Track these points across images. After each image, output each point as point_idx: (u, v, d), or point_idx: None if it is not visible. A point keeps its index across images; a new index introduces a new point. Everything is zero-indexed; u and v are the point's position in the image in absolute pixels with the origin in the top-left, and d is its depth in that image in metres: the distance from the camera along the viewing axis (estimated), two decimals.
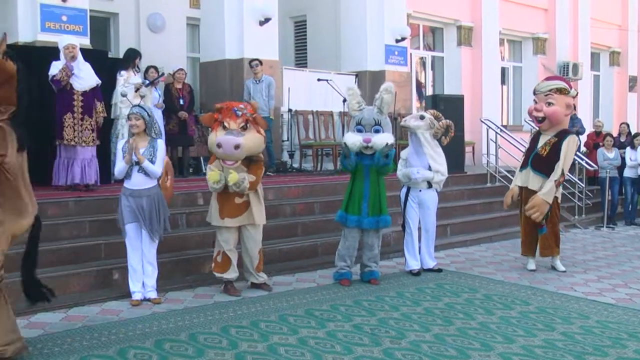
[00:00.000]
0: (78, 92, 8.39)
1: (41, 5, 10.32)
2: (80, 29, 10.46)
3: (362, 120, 6.93)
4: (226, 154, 6.39)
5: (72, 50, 8.41)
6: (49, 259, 6.57)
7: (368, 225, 6.99)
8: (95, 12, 12.86)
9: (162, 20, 15.04)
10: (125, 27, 14.73)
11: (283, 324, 5.64)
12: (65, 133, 8.29)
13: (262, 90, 11.42)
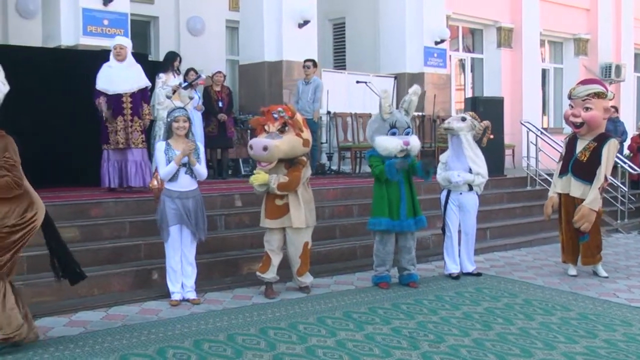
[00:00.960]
0: (127, 94, 8.47)
1: (83, 9, 10.49)
2: (121, 32, 10.59)
3: (397, 122, 6.87)
4: (256, 155, 6.45)
5: (119, 50, 8.49)
6: (90, 259, 6.66)
7: (408, 228, 6.95)
8: (136, 15, 13.02)
9: (201, 23, 15.17)
10: (165, 30, 14.90)
11: (321, 326, 5.64)
12: (119, 137, 8.37)
13: (309, 92, 11.42)
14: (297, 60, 12.34)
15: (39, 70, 8.88)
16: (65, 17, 10.66)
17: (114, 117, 8.36)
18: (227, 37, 15.90)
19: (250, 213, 7.81)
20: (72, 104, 9.02)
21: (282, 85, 12.48)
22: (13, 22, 12.82)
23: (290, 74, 12.57)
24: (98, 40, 10.46)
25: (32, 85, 8.46)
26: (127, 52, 8.55)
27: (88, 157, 8.91)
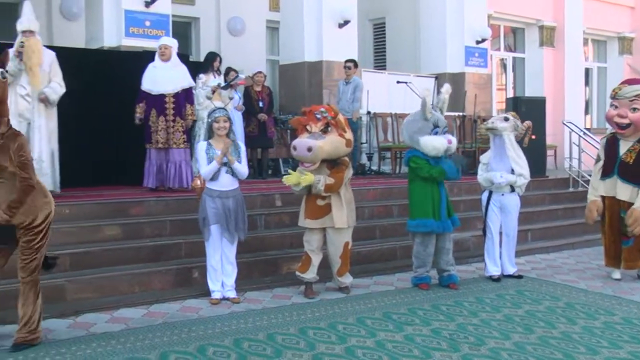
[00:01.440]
0: (169, 94, 8.54)
1: (125, 11, 10.62)
2: (163, 33, 10.70)
3: (439, 122, 6.86)
4: (300, 156, 6.44)
5: (164, 50, 8.57)
6: (131, 257, 6.76)
7: (449, 229, 6.91)
8: (177, 16, 13.13)
9: (242, 23, 15.25)
10: (206, 30, 15.01)
11: (361, 326, 5.63)
12: (159, 136, 8.46)
13: (349, 92, 11.41)
14: (337, 61, 12.34)
15: (82, 71, 9.00)
16: (108, 19, 10.81)
17: (156, 119, 8.45)
18: (267, 37, 15.97)
19: (290, 213, 7.83)
20: (115, 104, 9.14)
21: (322, 86, 12.48)
22: (57, 24, 13.03)
23: (330, 74, 12.57)
24: (140, 41, 10.58)
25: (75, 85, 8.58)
26: (171, 52, 8.62)
27: (130, 156, 9.02)
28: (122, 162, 9.22)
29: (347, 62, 11.54)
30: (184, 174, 8.54)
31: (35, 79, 7.40)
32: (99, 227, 7.03)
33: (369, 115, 12.61)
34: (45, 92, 7.47)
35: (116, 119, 9.16)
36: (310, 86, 12.65)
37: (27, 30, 7.43)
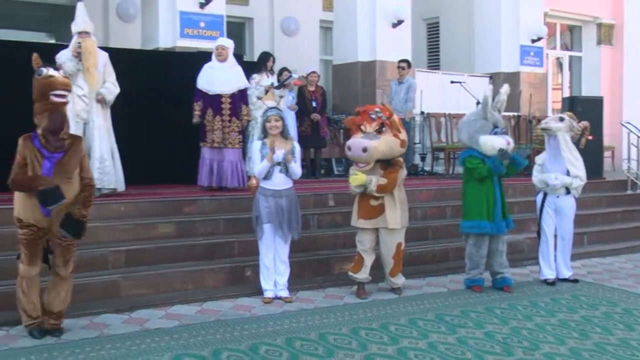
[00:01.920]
0: (226, 94, 8.61)
1: (180, 12, 10.77)
2: (217, 34, 10.82)
3: (498, 123, 6.78)
4: (354, 156, 6.41)
5: (221, 51, 8.65)
6: (185, 254, 6.84)
7: (502, 231, 6.82)
8: (231, 17, 13.25)
9: (295, 23, 15.31)
10: (259, 31, 15.11)
11: (413, 327, 5.59)
12: (215, 135, 8.54)
13: (402, 92, 11.36)
14: (390, 60, 12.30)
15: (138, 72, 9.15)
16: (163, 20, 10.97)
17: (212, 119, 8.53)
18: (320, 37, 15.99)
19: (343, 213, 7.82)
20: (169, 104, 9.27)
21: (375, 85, 12.46)
22: (114, 26, 13.28)
23: (383, 74, 12.54)
24: (194, 42, 10.72)
25: (130, 86, 8.72)
26: (228, 53, 8.68)
27: (185, 155, 9.12)
28: (177, 161, 9.32)
29: (401, 62, 11.50)
30: (240, 174, 8.61)
31: (92, 80, 7.53)
32: (153, 224, 7.13)
33: (422, 116, 12.54)
34: (102, 92, 7.61)
35: (171, 119, 9.28)
36: (363, 86, 12.64)
37: (82, 32, 7.56)
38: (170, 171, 9.34)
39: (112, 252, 6.49)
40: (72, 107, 7.40)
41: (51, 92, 4.91)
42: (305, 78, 11.27)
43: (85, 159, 5.16)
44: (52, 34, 13.64)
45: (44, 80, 4.93)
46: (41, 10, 13.57)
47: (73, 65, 7.44)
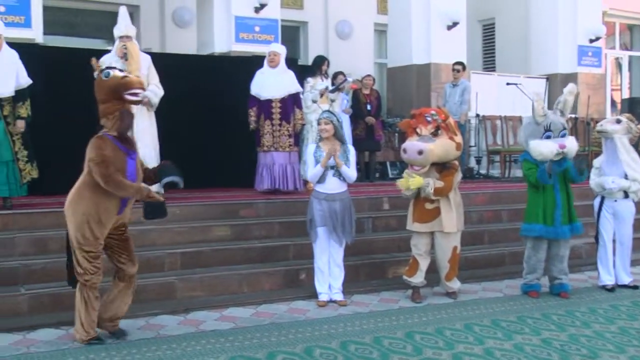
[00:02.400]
0: (276, 99, 8.67)
1: (236, 17, 10.90)
2: (272, 38, 10.91)
3: (551, 125, 6.59)
4: (410, 159, 6.37)
5: (273, 57, 8.72)
6: (240, 257, 6.90)
7: (563, 235, 6.67)
8: (286, 21, 13.33)
9: (350, 27, 15.32)
10: (314, 34, 15.18)
11: (469, 333, 5.53)
12: (265, 140, 8.62)
13: (456, 95, 11.29)
14: (445, 63, 12.22)
15: (194, 77, 9.27)
16: (218, 25, 11.11)
17: (263, 123, 8.61)
18: (375, 40, 15.97)
19: (398, 216, 7.78)
20: (225, 108, 9.36)
21: (430, 88, 12.40)
22: (170, 31, 13.50)
23: (438, 77, 12.47)
24: (249, 46, 10.83)
25: (187, 90, 8.86)
26: (280, 59, 8.75)
27: (241, 159, 9.20)
28: (233, 165, 9.41)
29: (456, 65, 11.42)
30: (293, 177, 8.66)
31: None
32: (209, 227, 7.21)
33: (477, 118, 12.42)
34: (146, 94, 7.70)
35: (226, 123, 9.37)
36: (418, 89, 12.59)
37: (124, 36, 7.69)
38: (225, 175, 9.43)
39: (168, 254, 6.59)
40: None
41: (126, 91, 4.96)
42: (360, 81, 11.27)
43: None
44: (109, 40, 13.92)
45: (118, 81, 4.97)
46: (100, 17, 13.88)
47: (119, 65, 7.55)
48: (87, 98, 8.25)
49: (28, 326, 5.44)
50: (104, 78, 5.00)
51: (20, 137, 6.96)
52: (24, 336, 5.27)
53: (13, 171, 6.92)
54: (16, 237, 6.36)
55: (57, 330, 5.41)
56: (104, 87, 5.01)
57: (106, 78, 4.99)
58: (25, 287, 5.85)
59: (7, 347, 5.03)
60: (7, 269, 5.98)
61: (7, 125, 6.89)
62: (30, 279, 5.97)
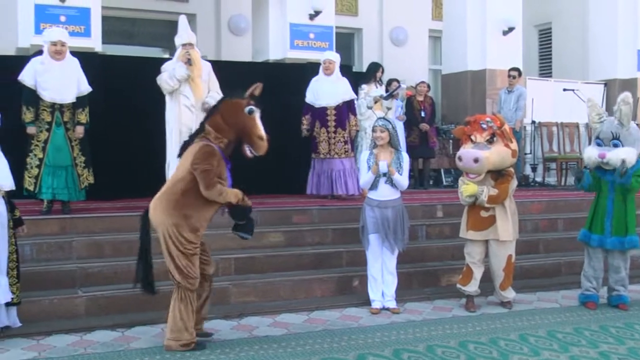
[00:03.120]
0: (331, 107, 8.72)
1: (291, 24, 10.96)
2: (327, 45, 10.96)
3: (601, 133, 6.49)
4: (465, 167, 6.31)
5: (328, 65, 8.79)
6: (293, 263, 6.93)
7: (611, 246, 6.52)
8: (340, 28, 13.37)
9: (404, 33, 15.28)
10: (368, 41, 15.18)
11: (523, 343, 5.45)
12: (321, 147, 8.68)
13: (512, 101, 11.16)
14: (500, 69, 12.10)
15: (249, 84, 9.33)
16: (273, 33, 11.22)
17: (319, 130, 8.65)
18: (430, 46, 15.90)
19: (451, 224, 7.73)
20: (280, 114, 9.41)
21: (485, 95, 12.27)
22: (225, 39, 13.66)
23: (493, 83, 12.34)
24: (304, 53, 10.89)
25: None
26: (335, 67, 8.83)
27: (295, 165, 9.24)
28: (288, 171, 9.45)
29: (511, 71, 11.29)
30: (347, 183, 8.68)
31: (197, 89, 7.76)
32: (262, 233, 7.24)
33: (533, 125, 12.24)
34: (207, 101, 7.81)
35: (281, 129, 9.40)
36: (472, 95, 12.48)
37: (187, 43, 7.81)
38: (278, 181, 9.47)
39: (222, 259, 6.64)
40: (179, 116, 7.67)
41: (250, 145, 5.23)
42: (414, 88, 11.23)
43: None
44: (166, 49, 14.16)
45: (254, 131, 5.19)
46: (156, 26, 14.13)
47: (184, 70, 7.67)
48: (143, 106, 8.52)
49: (85, 327, 5.58)
50: (247, 113, 5.14)
51: (78, 143, 7.14)
52: (81, 337, 5.40)
53: (72, 176, 7.09)
54: (74, 241, 6.51)
55: (113, 332, 5.52)
56: (238, 118, 5.15)
57: (248, 114, 5.15)
58: (82, 290, 5.99)
59: (65, 347, 5.16)
60: (65, 271, 6.14)
61: (67, 131, 7.06)
62: (87, 282, 6.12)
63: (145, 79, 8.41)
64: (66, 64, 7.09)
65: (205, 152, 4.96)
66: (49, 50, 7.02)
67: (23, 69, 6.99)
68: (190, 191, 4.97)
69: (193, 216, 4.98)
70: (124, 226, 6.90)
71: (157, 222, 5.00)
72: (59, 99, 6.99)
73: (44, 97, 6.95)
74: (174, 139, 7.70)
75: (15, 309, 5.41)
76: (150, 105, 8.29)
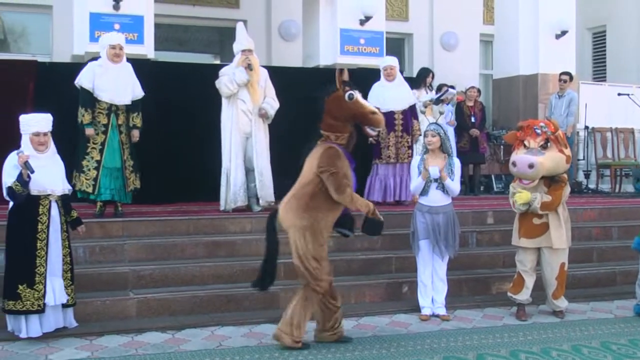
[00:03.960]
0: (398, 111, 8.70)
1: (341, 29, 10.97)
2: (377, 50, 10.95)
3: None
4: (520, 173, 6.22)
5: (390, 71, 8.78)
6: (344, 268, 6.90)
7: None
8: (391, 33, 13.32)
9: (455, 38, 15.17)
10: (419, 46, 15.12)
11: (576, 354, 5.34)
12: (390, 152, 8.67)
13: (562, 106, 10.99)
14: (553, 73, 11.92)
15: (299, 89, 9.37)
16: (324, 38, 11.25)
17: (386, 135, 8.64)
18: (480, 51, 15.75)
19: (502, 231, 7.64)
20: None
21: (537, 100, 12.11)
22: (276, 45, 13.75)
23: (545, 88, 12.17)
24: (354, 59, 10.89)
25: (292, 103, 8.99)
26: (396, 72, 8.84)
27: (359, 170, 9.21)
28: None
29: (562, 75, 11.12)
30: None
31: (255, 95, 7.84)
32: None
33: (586, 130, 12.04)
34: (264, 107, 7.88)
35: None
36: (524, 100, 12.32)
37: (246, 49, 7.88)
38: None
39: None
40: (237, 121, 7.74)
41: (370, 127, 5.33)
42: (464, 93, 11.14)
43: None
44: (217, 55, 14.32)
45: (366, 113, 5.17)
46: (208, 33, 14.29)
47: (244, 75, 7.74)
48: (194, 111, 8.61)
49: (136, 329, 5.67)
50: (347, 100, 5.07)
51: (128, 147, 7.24)
52: (132, 338, 5.49)
53: (121, 178, 7.18)
54: (126, 244, 6.62)
55: (164, 334, 5.60)
56: (344, 108, 5.12)
57: (349, 100, 5.08)
58: (133, 292, 6.09)
59: (117, 348, 5.25)
60: (118, 273, 6.25)
61: (120, 134, 7.17)
62: (138, 284, 6.23)
63: (196, 85, 8.54)
64: (123, 68, 7.24)
65: (330, 155, 5.04)
66: (107, 53, 7.18)
67: (79, 73, 7.14)
68: (318, 194, 5.06)
69: (322, 219, 5.08)
70: (175, 229, 7.01)
71: (288, 225, 5.12)
72: (117, 100, 7.12)
73: (102, 98, 7.08)
74: (232, 142, 7.78)
75: (71, 310, 5.56)
76: (201, 111, 8.41)
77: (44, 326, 5.35)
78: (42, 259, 5.30)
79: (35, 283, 5.24)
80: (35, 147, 5.37)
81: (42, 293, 5.26)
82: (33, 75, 8.64)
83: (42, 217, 5.33)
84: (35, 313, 5.28)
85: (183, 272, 6.39)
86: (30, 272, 5.25)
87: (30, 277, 5.24)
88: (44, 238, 5.32)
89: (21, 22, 12.78)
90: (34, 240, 5.29)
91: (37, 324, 5.31)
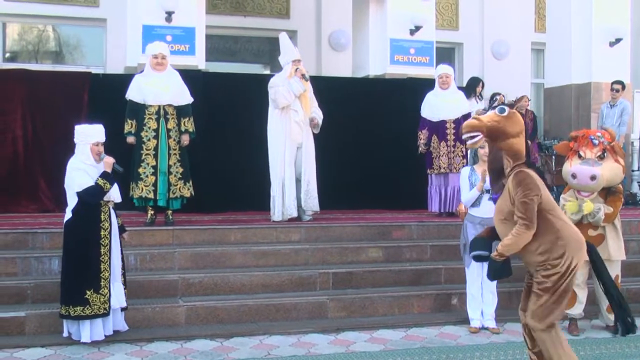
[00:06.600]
0: (450, 120, 8.64)
1: (391, 39, 10.97)
2: (427, 60, 10.92)
3: None
4: (581, 185, 6.08)
5: (445, 79, 8.71)
6: (392, 279, 6.90)
7: None
8: (441, 42, 13.23)
9: (506, 46, 15.01)
10: (469, 55, 14.98)
11: None
12: (441, 162, 8.61)
13: (615, 116, 10.76)
14: (606, 82, 11.67)
15: (350, 99, 9.40)
16: (374, 48, 11.26)
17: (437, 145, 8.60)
18: (532, 59, 15.55)
19: None
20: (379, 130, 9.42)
21: (590, 109, 11.87)
22: (326, 55, 13.76)
23: (598, 97, 11.91)
24: (404, 68, 10.86)
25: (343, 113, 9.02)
26: (451, 80, 8.76)
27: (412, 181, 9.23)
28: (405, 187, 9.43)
29: (615, 84, 10.88)
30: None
31: (307, 105, 7.86)
32: (361, 248, 7.27)
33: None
34: (315, 117, 7.89)
35: (380, 145, 9.43)
36: (577, 109, 12.09)
37: (296, 60, 7.91)
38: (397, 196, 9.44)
39: (320, 273, 6.70)
40: (290, 131, 7.75)
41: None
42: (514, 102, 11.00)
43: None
44: (267, 65, 14.42)
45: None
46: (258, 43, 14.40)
47: (301, 86, 7.76)
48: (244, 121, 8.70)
49: (185, 336, 5.75)
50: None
51: (176, 153, 7.27)
52: (181, 345, 5.56)
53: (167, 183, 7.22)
54: (176, 252, 6.70)
55: (212, 341, 5.66)
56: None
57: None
58: (183, 299, 6.16)
59: (166, 354, 5.33)
60: (168, 281, 6.35)
61: (169, 138, 7.22)
62: (187, 292, 6.31)
63: (246, 95, 8.62)
64: (167, 75, 7.32)
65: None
66: (150, 62, 7.30)
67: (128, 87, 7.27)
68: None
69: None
70: (225, 238, 7.07)
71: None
72: (163, 100, 7.18)
73: (149, 102, 7.16)
74: (285, 152, 7.77)
75: (123, 314, 5.66)
76: (250, 121, 8.48)
77: (105, 329, 5.51)
78: (106, 264, 5.47)
79: (101, 287, 5.40)
80: (94, 156, 5.51)
81: (107, 297, 5.43)
82: (87, 86, 8.84)
83: (104, 224, 5.51)
84: (102, 317, 5.43)
85: (232, 280, 6.44)
86: (96, 277, 5.42)
87: (96, 282, 5.40)
88: (107, 244, 5.49)
89: (76, 35, 13.05)
90: (98, 246, 5.44)
91: (100, 327, 5.46)
